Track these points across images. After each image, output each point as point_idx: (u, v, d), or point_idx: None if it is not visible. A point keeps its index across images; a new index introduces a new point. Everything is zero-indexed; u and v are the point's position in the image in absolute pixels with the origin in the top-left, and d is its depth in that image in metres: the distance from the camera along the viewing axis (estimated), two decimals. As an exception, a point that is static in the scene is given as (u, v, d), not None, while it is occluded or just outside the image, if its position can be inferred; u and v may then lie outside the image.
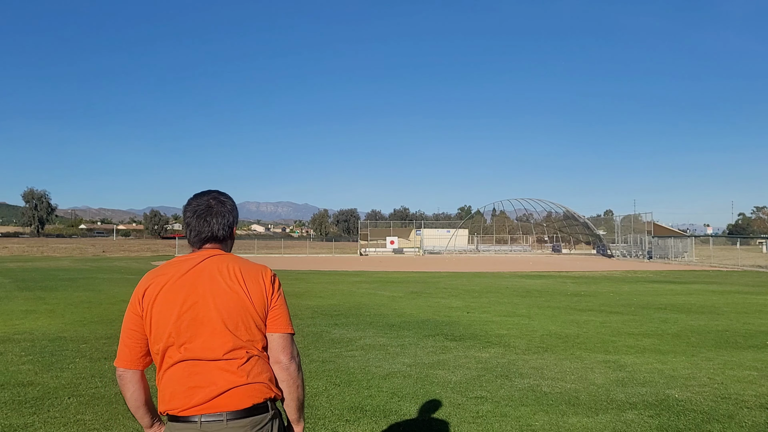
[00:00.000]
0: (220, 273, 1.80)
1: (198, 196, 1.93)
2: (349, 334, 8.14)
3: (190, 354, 1.73)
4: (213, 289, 1.77)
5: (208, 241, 1.89)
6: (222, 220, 1.89)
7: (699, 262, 36.91)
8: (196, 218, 1.87)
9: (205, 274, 1.80)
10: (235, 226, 1.98)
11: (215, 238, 1.90)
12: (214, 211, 1.89)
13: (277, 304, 1.85)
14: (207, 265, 1.82)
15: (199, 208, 1.88)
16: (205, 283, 1.78)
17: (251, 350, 1.77)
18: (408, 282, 18.73)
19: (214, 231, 1.88)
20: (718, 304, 12.40)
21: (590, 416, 4.47)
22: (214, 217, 1.88)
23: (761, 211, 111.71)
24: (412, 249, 56.69)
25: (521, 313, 10.71)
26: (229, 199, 1.97)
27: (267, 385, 1.78)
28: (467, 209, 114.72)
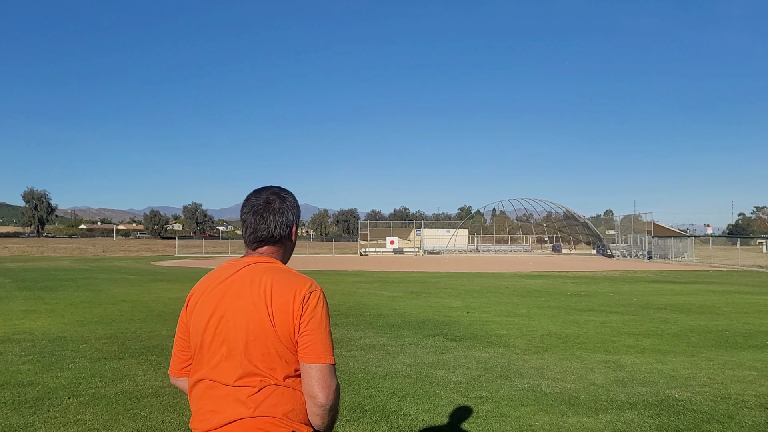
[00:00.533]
0: (250, 286, 1.61)
1: (257, 192, 1.77)
2: (349, 334, 8.14)
3: (208, 374, 1.60)
4: (238, 304, 1.60)
5: (265, 241, 1.72)
6: (280, 218, 1.72)
7: (699, 262, 36.92)
8: (253, 215, 1.71)
9: (236, 285, 1.63)
10: (296, 226, 1.79)
11: (272, 238, 1.72)
12: (272, 208, 1.72)
13: (310, 329, 1.57)
14: (243, 274, 1.65)
15: (257, 203, 1.72)
16: (233, 296, 1.62)
17: (267, 379, 1.56)
18: (408, 282, 18.74)
19: (271, 230, 1.71)
20: (718, 304, 12.40)
21: (590, 416, 4.47)
22: (272, 214, 1.71)
23: (761, 211, 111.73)
24: (412, 249, 56.71)
25: (521, 313, 10.71)
26: (290, 195, 1.79)
27: (283, 420, 1.54)
28: (467, 209, 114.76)
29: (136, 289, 15.38)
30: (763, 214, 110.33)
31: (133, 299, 12.79)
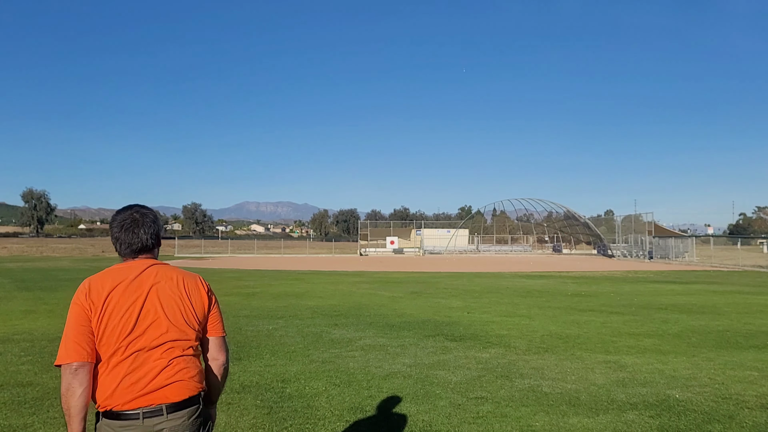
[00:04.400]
0: (165, 279, 2.02)
1: (121, 211, 2.11)
2: (349, 335, 8.13)
3: (135, 348, 1.90)
4: (160, 294, 1.98)
5: (140, 251, 2.07)
6: (149, 230, 2.07)
7: (700, 262, 36.89)
8: (124, 231, 2.05)
9: (151, 279, 2.00)
10: (161, 234, 2.18)
11: (146, 248, 2.07)
12: (140, 223, 2.06)
13: (215, 312, 2.12)
14: (152, 272, 2.02)
15: (126, 222, 2.06)
16: (152, 288, 1.98)
17: (187, 349, 1.99)
18: (408, 282, 18.72)
19: (143, 241, 2.06)
20: (719, 304, 12.39)
21: (591, 417, 4.46)
22: (141, 228, 2.06)
23: (762, 211, 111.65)
24: (412, 249, 56.67)
25: (522, 313, 10.69)
26: (150, 211, 2.16)
27: (199, 379, 2.01)
28: (467, 209, 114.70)
29: (136, 289, 15.36)
30: (764, 214, 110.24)
31: (133, 299, 12.76)
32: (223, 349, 2.12)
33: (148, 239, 2.07)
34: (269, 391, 5.14)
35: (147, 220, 2.08)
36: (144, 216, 2.09)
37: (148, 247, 2.08)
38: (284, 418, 4.42)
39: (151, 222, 2.10)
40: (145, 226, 2.07)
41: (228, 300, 12.72)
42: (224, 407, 4.66)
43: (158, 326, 1.94)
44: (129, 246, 2.05)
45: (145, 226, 2.07)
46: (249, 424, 4.31)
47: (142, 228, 2.06)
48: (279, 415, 4.48)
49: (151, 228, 2.09)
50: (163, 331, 1.94)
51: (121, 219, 2.07)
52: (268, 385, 5.33)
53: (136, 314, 1.92)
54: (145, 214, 2.11)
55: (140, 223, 2.06)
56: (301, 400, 4.88)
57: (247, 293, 14.41)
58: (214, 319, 2.11)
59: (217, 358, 2.11)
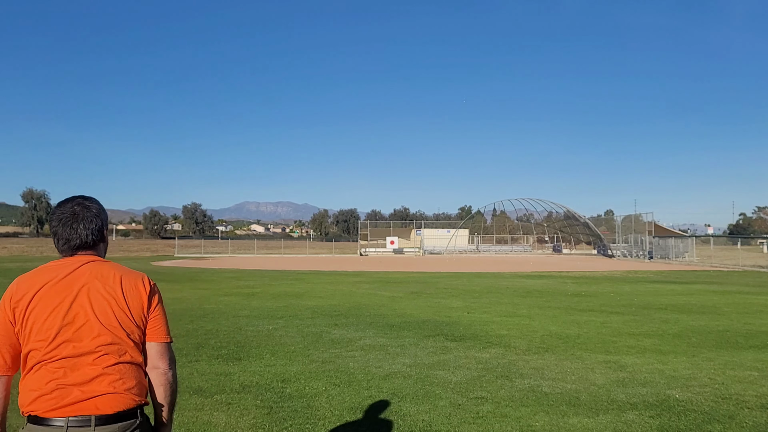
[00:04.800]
0: (98, 278, 1.82)
1: (61, 203, 1.91)
2: (349, 335, 8.13)
3: (63, 353, 1.74)
4: (90, 294, 1.79)
5: (79, 248, 1.88)
6: (89, 225, 1.88)
7: (700, 262, 36.89)
8: (62, 226, 1.86)
9: (83, 278, 1.81)
10: (106, 230, 1.96)
11: (86, 245, 1.89)
12: (79, 218, 1.87)
13: (156, 314, 1.90)
14: (85, 270, 1.83)
15: (64, 215, 1.87)
16: (83, 288, 1.79)
17: (124, 355, 1.79)
18: (408, 282, 18.72)
19: (83, 237, 1.87)
20: (719, 304, 12.39)
21: (591, 417, 4.46)
22: (81, 223, 1.87)
23: (762, 211, 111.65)
24: (413, 249, 56.67)
25: (522, 313, 10.69)
26: (94, 203, 1.95)
27: (137, 391, 1.80)
28: (467, 209, 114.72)
29: (136, 289, 15.36)
30: (764, 214, 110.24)
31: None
32: (164, 356, 1.88)
33: (88, 235, 1.88)
34: (269, 391, 5.14)
35: (88, 214, 1.89)
36: (86, 209, 1.90)
37: (88, 244, 1.89)
38: (284, 418, 4.42)
39: (93, 216, 1.90)
40: (86, 221, 1.88)
41: (228, 300, 12.72)
42: (224, 407, 4.67)
43: (89, 330, 1.76)
44: (66, 242, 1.87)
45: (86, 221, 1.88)
46: (249, 424, 4.31)
47: (82, 222, 1.87)
48: (279, 415, 4.49)
49: (92, 223, 1.89)
50: (94, 335, 1.76)
51: (60, 213, 1.88)
52: (268, 385, 5.33)
53: (61, 317, 1.75)
54: (88, 207, 1.91)
55: (80, 217, 1.87)
56: (301, 400, 4.88)
57: (247, 293, 14.41)
58: (154, 322, 1.88)
59: (158, 366, 1.87)
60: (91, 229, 1.88)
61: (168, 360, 1.89)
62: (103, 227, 1.93)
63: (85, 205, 1.91)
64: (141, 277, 1.91)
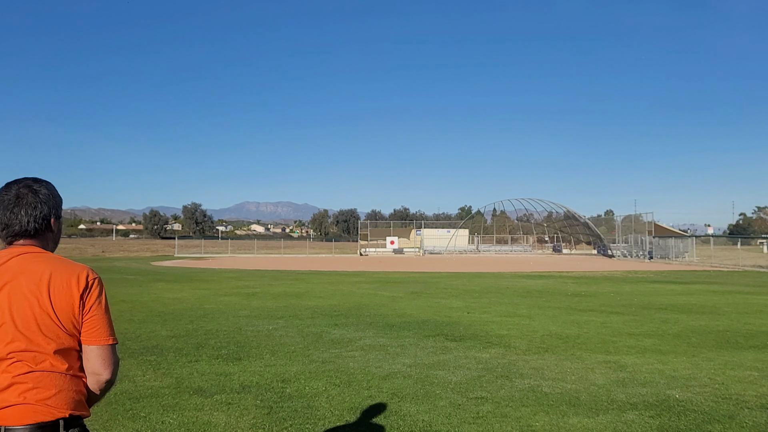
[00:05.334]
0: (25, 275, 1.63)
1: (7, 185, 1.72)
2: (349, 335, 8.13)
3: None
4: (11, 293, 1.61)
5: (19, 235, 1.69)
6: (33, 211, 1.68)
7: (700, 262, 36.89)
8: (3, 210, 1.67)
9: (9, 274, 1.62)
10: (54, 218, 1.75)
11: (26, 233, 1.68)
12: (23, 202, 1.67)
13: (92, 315, 1.66)
14: (13, 264, 1.64)
15: (7, 199, 1.67)
16: (5, 286, 1.61)
17: (41, 363, 1.59)
18: (408, 282, 18.72)
19: (24, 224, 1.67)
20: (719, 304, 12.39)
21: (591, 417, 4.46)
22: (23, 209, 1.67)
23: (762, 211, 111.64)
24: (412, 249, 56.68)
25: (522, 313, 10.70)
26: (44, 186, 1.74)
27: (56, 402, 1.60)
28: (467, 209, 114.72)
29: (136, 290, 15.37)
30: (764, 214, 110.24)
31: (133, 299, 12.78)
32: (106, 362, 1.65)
33: (30, 222, 1.67)
34: (269, 391, 5.14)
35: (35, 200, 1.68)
36: (33, 193, 1.69)
37: (29, 232, 1.68)
38: (284, 418, 4.42)
39: (40, 201, 1.69)
40: (29, 206, 1.67)
41: (228, 300, 12.73)
42: (224, 407, 4.67)
43: (3, 334, 1.57)
44: (5, 228, 1.67)
45: (29, 206, 1.67)
46: (249, 424, 4.31)
47: (24, 207, 1.67)
48: (279, 415, 4.49)
49: (38, 209, 1.68)
50: (7, 341, 1.57)
51: (3, 195, 1.69)
52: (268, 385, 5.33)
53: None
54: (35, 190, 1.70)
55: (24, 201, 1.67)
56: (301, 400, 4.88)
57: (247, 293, 14.41)
58: (90, 323, 1.65)
59: (98, 374, 1.66)
60: (34, 216, 1.68)
61: (110, 366, 1.67)
62: (50, 215, 1.72)
63: (33, 189, 1.71)
64: (76, 273, 1.67)
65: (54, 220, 1.74)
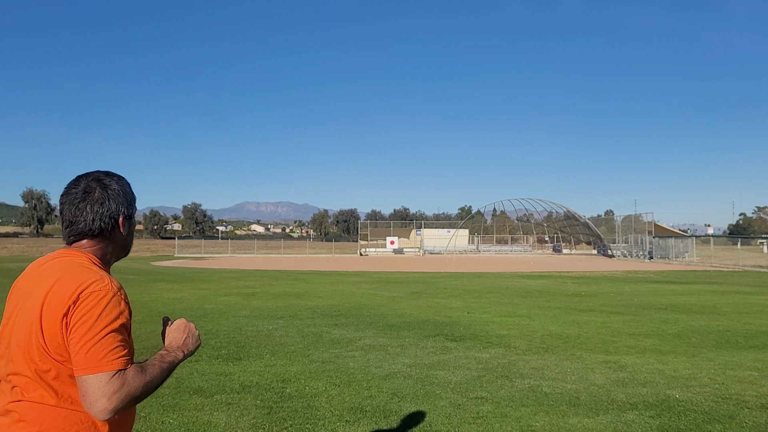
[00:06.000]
0: (37, 284, 1.42)
1: (77, 178, 1.52)
2: (349, 335, 8.13)
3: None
4: (20, 305, 1.43)
5: (83, 235, 1.49)
6: (100, 208, 1.47)
7: (700, 262, 36.88)
8: (69, 206, 1.47)
9: (28, 283, 1.46)
10: (123, 217, 1.53)
11: (91, 232, 1.48)
12: (91, 198, 1.47)
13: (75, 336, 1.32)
14: (39, 272, 1.46)
15: (75, 193, 1.48)
16: (21, 296, 1.45)
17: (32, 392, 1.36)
18: (408, 282, 18.72)
19: (89, 222, 1.46)
20: (719, 304, 12.38)
21: (591, 417, 4.46)
22: (90, 205, 1.46)
23: (762, 211, 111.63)
24: (412, 249, 56.68)
25: (522, 313, 10.69)
26: (115, 181, 1.53)
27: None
28: (467, 209, 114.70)
29: (136, 290, 15.37)
30: (764, 214, 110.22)
31: (133, 300, 12.71)
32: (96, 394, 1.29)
33: (94, 220, 1.47)
34: (269, 391, 5.14)
35: (105, 195, 1.49)
36: (105, 188, 1.50)
37: (93, 232, 1.48)
38: (284, 418, 4.42)
39: (111, 198, 1.49)
40: (95, 203, 1.47)
41: (228, 300, 12.73)
42: (224, 407, 4.67)
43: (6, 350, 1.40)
44: (70, 226, 1.49)
45: (95, 203, 1.47)
46: (249, 424, 4.31)
47: (91, 203, 1.47)
48: (279, 415, 4.49)
49: (106, 206, 1.48)
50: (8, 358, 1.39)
51: (72, 189, 1.50)
52: (268, 385, 5.33)
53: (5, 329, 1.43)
54: (107, 185, 1.51)
55: (92, 196, 1.47)
56: (301, 400, 4.88)
57: (247, 293, 14.41)
58: (74, 348, 1.32)
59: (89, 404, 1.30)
60: (101, 213, 1.47)
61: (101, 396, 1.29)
62: (118, 214, 1.51)
63: (103, 183, 1.51)
64: (76, 285, 1.36)
65: (123, 219, 1.53)
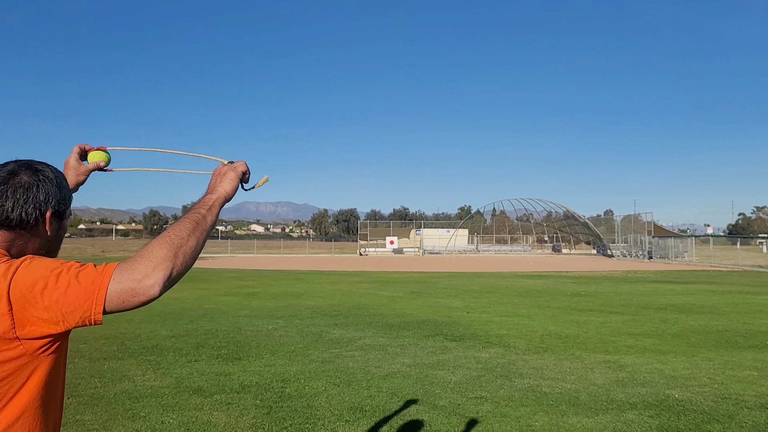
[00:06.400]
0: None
1: (6, 162, 1.30)
2: (349, 335, 8.13)
3: None
4: None
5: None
6: (25, 194, 1.23)
7: (699, 262, 36.90)
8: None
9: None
10: (51, 211, 1.27)
11: (7, 221, 1.22)
12: (15, 182, 1.23)
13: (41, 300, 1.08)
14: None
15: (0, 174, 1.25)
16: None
17: None
18: (408, 282, 18.73)
19: (7, 210, 1.21)
20: (718, 304, 12.39)
21: (590, 416, 4.46)
22: (12, 189, 1.22)
23: (761, 211, 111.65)
24: (412, 249, 56.67)
25: (521, 313, 10.70)
26: (50, 169, 1.30)
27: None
28: (467, 209, 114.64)
29: (136, 289, 15.35)
30: (764, 214, 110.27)
31: (133, 299, 12.76)
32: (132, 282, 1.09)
33: (14, 207, 1.22)
34: (269, 391, 5.14)
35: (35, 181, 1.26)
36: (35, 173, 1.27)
37: (10, 222, 1.23)
38: (284, 418, 4.42)
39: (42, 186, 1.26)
40: (23, 188, 1.24)
41: (228, 300, 12.72)
42: (224, 407, 4.67)
43: None
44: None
45: (23, 188, 1.24)
46: (249, 423, 4.31)
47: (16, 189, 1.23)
48: (279, 415, 4.49)
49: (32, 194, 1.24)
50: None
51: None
52: (267, 385, 5.34)
53: None
54: (39, 170, 1.28)
55: (19, 183, 1.24)
56: (300, 400, 4.88)
57: (247, 293, 14.41)
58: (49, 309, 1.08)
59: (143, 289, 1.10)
60: (25, 199, 1.23)
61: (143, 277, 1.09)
62: (47, 206, 1.26)
63: (35, 169, 1.28)
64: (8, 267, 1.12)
65: (51, 215, 1.27)
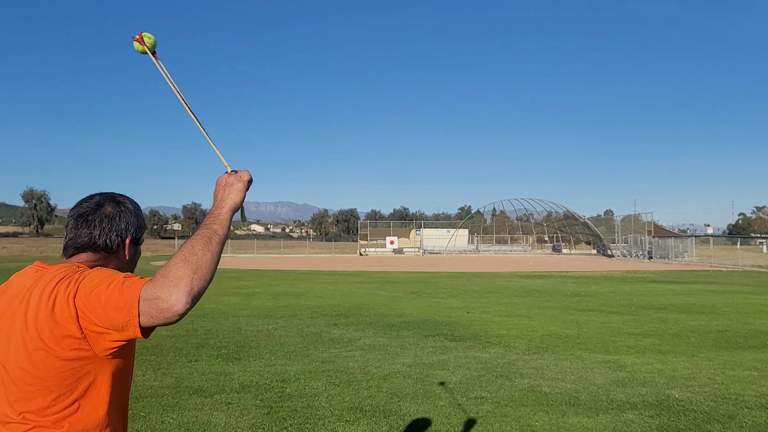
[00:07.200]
0: (20, 300, 1.25)
1: (90, 195, 1.46)
2: (349, 334, 8.13)
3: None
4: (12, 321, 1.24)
5: (84, 249, 1.37)
6: (110, 224, 1.38)
7: (699, 262, 36.91)
8: (76, 219, 1.38)
9: (22, 295, 1.26)
10: (131, 238, 1.43)
11: (94, 246, 1.37)
12: (101, 213, 1.39)
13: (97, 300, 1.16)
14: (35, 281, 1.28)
15: (86, 207, 1.40)
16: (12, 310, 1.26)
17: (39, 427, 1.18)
18: (408, 282, 18.73)
19: (95, 237, 1.36)
20: (718, 304, 12.39)
21: (590, 416, 4.46)
22: (99, 219, 1.38)
23: (761, 211, 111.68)
24: (412, 249, 56.68)
25: (521, 313, 10.70)
26: (129, 201, 1.47)
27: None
28: (467, 209, 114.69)
29: (136, 289, 15.36)
30: (764, 214, 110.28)
31: (133, 299, 12.76)
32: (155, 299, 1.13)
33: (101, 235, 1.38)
34: (269, 391, 5.14)
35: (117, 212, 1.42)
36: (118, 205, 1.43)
37: (97, 247, 1.38)
38: (284, 418, 4.42)
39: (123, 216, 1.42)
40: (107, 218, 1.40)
41: (228, 300, 12.73)
42: (224, 407, 4.67)
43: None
44: (72, 239, 1.39)
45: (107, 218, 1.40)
46: (249, 423, 4.31)
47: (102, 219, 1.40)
48: (279, 415, 4.49)
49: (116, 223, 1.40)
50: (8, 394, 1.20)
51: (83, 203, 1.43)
52: (267, 385, 5.34)
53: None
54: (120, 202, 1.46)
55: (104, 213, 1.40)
56: (300, 400, 4.88)
57: (247, 293, 14.41)
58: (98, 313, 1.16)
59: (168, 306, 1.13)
60: (109, 228, 1.39)
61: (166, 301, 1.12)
62: (127, 233, 1.42)
63: (117, 201, 1.44)
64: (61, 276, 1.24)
65: (130, 241, 1.42)
